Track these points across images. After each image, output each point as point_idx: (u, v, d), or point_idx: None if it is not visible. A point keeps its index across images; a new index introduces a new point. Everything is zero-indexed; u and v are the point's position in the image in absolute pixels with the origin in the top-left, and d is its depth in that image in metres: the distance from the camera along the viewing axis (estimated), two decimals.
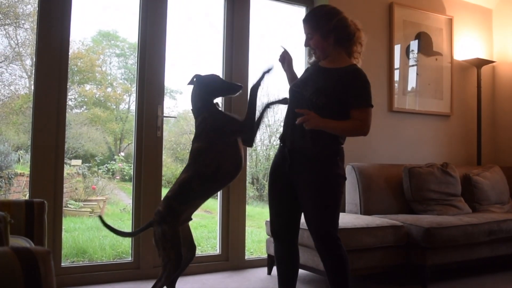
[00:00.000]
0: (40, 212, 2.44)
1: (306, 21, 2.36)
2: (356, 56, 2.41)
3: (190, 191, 2.41)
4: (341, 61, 2.35)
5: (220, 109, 2.53)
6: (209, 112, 2.46)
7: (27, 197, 3.37)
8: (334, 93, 2.27)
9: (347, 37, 2.33)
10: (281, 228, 2.46)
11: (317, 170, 2.29)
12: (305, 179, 2.30)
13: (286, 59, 2.58)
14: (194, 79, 2.51)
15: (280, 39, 7.59)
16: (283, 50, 2.58)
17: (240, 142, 2.49)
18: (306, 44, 2.39)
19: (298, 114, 2.26)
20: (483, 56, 4.92)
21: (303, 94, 2.34)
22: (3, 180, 5.70)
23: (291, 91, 2.45)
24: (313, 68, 2.45)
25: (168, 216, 2.37)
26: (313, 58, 2.47)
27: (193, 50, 7.42)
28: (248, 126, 2.48)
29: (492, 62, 4.93)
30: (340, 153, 2.35)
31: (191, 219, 2.59)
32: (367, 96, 2.28)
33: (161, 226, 2.36)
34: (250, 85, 2.56)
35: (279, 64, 2.62)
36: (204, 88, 2.48)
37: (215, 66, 4.03)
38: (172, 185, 2.48)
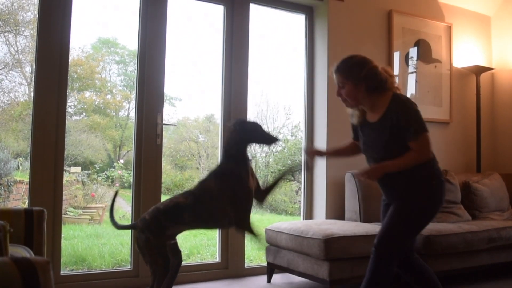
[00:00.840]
0: (40, 221, 2.44)
1: (339, 70, 2.41)
2: None
3: (180, 218, 2.41)
4: (381, 104, 2.37)
5: (250, 162, 2.51)
6: (239, 167, 2.44)
7: (26, 205, 3.36)
8: (396, 137, 2.32)
9: (379, 84, 2.36)
10: None
11: (401, 202, 2.39)
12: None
13: (316, 157, 2.75)
14: (237, 124, 2.50)
15: (279, 46, 7.61)
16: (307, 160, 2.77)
17: (251, 197, 2.49)
18: (338, 94, 2.45)
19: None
20: (482, 63, 4.93)
21: (376, 158, 2.42)
22: (3, 188, 5.69)
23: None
24: (364, 127, 2.49)
25: (153, 226, 2.38)
26: (356, 118, 2.52)
27: (193, 57, 7.44)
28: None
29: (491, 69, 4.94)
30: (428, 175, 2.38)
31: (175, 240, 2.56)
32: (415, 123, 2.29)
33: (145, 234, 2.37)
34: (250, 93, 2.57)
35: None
36: (244, 135, 2.48)
37: (214, 73, 4.04)
38: (169, 199, 2.48)
